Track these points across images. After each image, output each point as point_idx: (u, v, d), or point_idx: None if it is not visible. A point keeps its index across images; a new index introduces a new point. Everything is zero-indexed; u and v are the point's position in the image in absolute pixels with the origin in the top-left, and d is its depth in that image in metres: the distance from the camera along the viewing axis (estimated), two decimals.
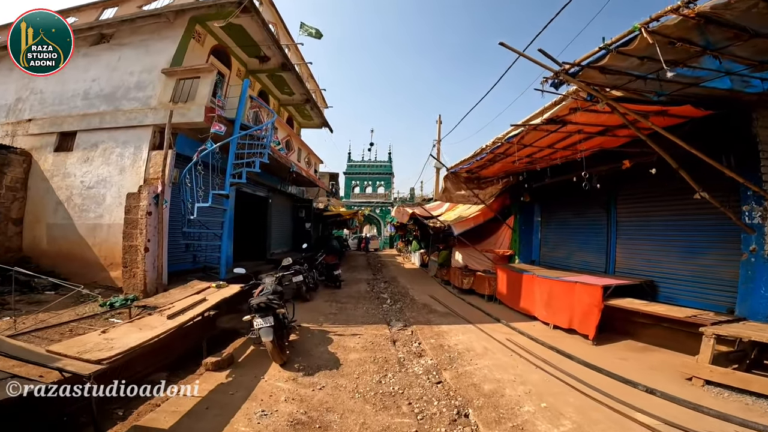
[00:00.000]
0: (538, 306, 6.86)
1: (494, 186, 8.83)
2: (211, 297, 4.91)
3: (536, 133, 5.34)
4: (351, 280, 12.56)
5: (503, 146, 6.01)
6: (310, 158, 15.05)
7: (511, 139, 5.56)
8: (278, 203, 13.62)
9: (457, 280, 10.16)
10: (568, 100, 4.21)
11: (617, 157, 5.80)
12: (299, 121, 17.49)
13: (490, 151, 6.24)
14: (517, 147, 5.84)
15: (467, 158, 7.34)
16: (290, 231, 15.11)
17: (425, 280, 13.00)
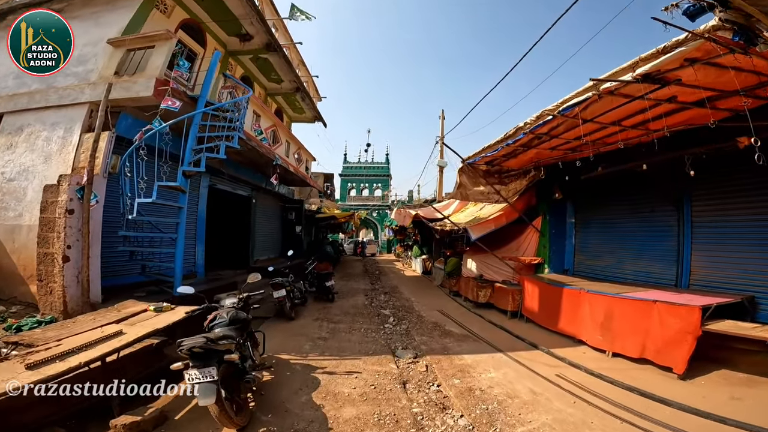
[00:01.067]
0: (587, 327, 5.34)
1: (518, 181, 7.31)
2: (132, 329, 3.30)
3: (605, 102, 3.89)
4: (346, 290, 10.95)
5: (551, 123, 4.51)
6: (301, 154, 13.47)
7: (568, 111, 4.07)
8: (264, 204, 12.02)
9: (471, 293, 8.59)
10: (692, 44, 2.71)
11: (698, 140, 4.32)
12: (290, 115, 15.94)
13: (531, 129, 4.73)
14: (570, 123, 4.34)
15: (492, 144, 5.83)
16: (278, 235, 13.49)
17: (430, 290, 11.41)
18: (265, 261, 11.86)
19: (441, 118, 17.55)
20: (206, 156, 5.77)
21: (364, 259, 24.62)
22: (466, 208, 11.30)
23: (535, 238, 7.85)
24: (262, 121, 9.74)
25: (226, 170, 8.88)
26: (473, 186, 7.17)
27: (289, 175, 12.28)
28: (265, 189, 11.67)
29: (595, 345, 5.23)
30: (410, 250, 21.28)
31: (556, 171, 6.77)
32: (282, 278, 7.39)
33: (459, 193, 7.23)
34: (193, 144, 5.80)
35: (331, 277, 9.12)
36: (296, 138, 13.24)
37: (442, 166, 16.53)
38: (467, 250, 10.06)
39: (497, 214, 7.80)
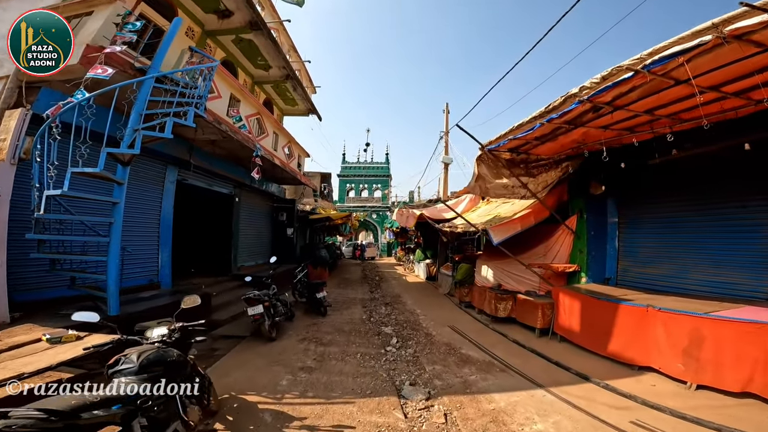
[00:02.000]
0: (660, 353, 4.13)
1: (549, 172, 6.03)
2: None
3: (721, 54, 2.69)
4: (342, 300, 9.61)
5: (622, 86, 3.26)
6: (293, 149, 12.20)
7: (661, 65, 2.82)
8: (250, 203, 10.70)
9: (488, 305, 7.26)
10: None
11: None
12: (281, 108, 14.67)
13: (590, 96, 3.48)
14: (652, 86, 3.10)
15: (524, 122, 4.54)
16: (268, 238, 12.17)
17: (437, 300, 10.07)
18: (252, 267, 10.54)
19: (445, 112, 16.30)
20: (148, 135, 4.45)
21: (363, 263, 23.27)
22: (477, 207, 9.99)
23: (568, 240, 6.52)
24: (243, 107, 8.48)
25: (199, 162, 7.58)
26: (494, 178, 5.86)
27: (279, 172, 11.00)
28: (250, 187, 10.37)
29: (672, 374, 3.98)
30: (412, 254, 19.95)
31: (595, 160, 5.46)
32: (259, 291, 6.07)
33: (477, 186, 5.92)
34: (136, 123, 4.48)
35: (323, 288, 7.79)
36: (286, 131, 11.97)
37: (446, 163, 15.25)
38: (481, 255, 8.74)
39: (523, 213, 6.46)
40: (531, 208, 6.52)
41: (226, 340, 6.11)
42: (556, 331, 5.80)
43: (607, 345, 4.76)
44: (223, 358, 5.20)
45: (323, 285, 7.85)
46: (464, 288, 8.65)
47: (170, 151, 6.80)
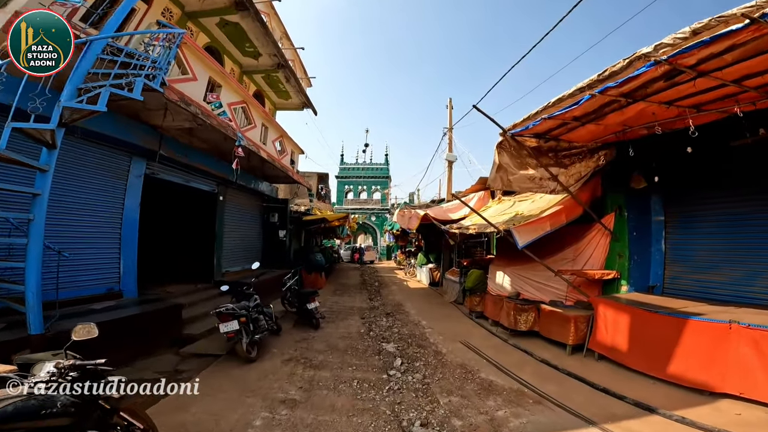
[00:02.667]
0: (742, 375, 3.26)
1: (583, 162, 5.09)
2: None
3: None
4: (338, 310, 8.61)
5: (711, 45, 2.36)
6: (284, 144, 11.25)
7: None
8: (236, 203, 9.73)
9: (505, 316, 6.29)
10: None
11: None
12: (273, 101, 13.74)
13: (670, 57, 2.59)
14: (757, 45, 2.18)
15: (563, 97, 3.64)
16: (257, 241, 11.18)
17: (444, 309, 9.08)
18: (238, 273, 9.54)
19: (449, 108, 15.41)
20: (72, 107, 3.49)
21: (361, 267, 22.27)
22: (487, 207, 9.04)
23: (603, 243, 5.55)
24: (226, 94, 7.55)
25: (172, 154, 6.63)
26: (518, 168, 4.91)
27: (269, 169, 10.05)
28: (237, 184, 9.39)
29: (763, 399, 3.03)
30: (413, 258, 18.97)
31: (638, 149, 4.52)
32: (237, 303, 5.09)
33: (498, 178, 4.95)
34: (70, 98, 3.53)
35: (315, 298, 6.80)
36: (278, 124, 11.05)
37: (450, 161, 14.32)
38: (494, 260, 7.77)
39: (553, 210, 5.46)
40: (562, 204, 5.55)
41: (196, 360, 5.13)
42: (592, 348, 4.85)
43: (666, 367, 3.81)
44: (184, 384, 4.21)
45: (315, 294, 6.86)
46: (475, 296, 7.66)
47: (135, 140, 5.84)
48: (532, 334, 5.98)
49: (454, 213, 9.70)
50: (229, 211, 9.25)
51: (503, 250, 7.53)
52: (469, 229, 6.80)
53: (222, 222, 8.85)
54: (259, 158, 8.84)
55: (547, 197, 6.10)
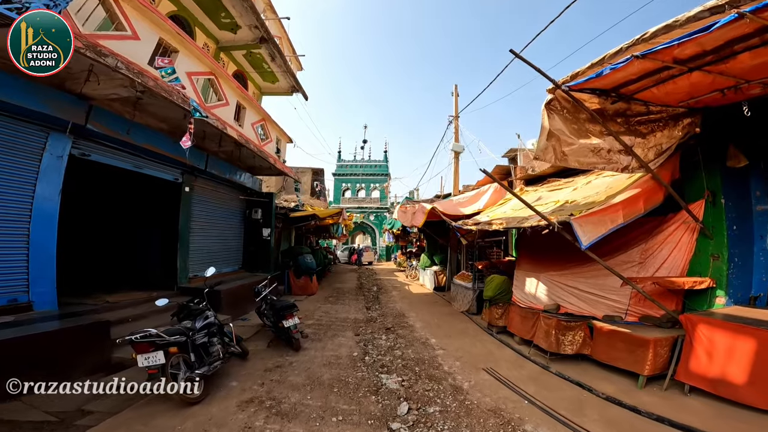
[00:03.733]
0: None
1: (664, 131, 3.62)
2: None
3: None
4: (327, 323, 7.13)
5: None
6: (267, 129, 9.79)
7: None
8: (208, 195, 8.25)
9: (543, 336, 4.84)
10: None
11: None
12: (259, 85, 12.27)
13: None
14: None
15: (655, 32, 2.21)
16: (237, 240, 9.70)
17: (455, 321, 7.60)
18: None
19: (454, 95, 13.96)
20: None
21: (359, 269, 20.81)
22: (508, 200, 7.57)
23: (687, 240, 4.06)
24: (185, 61, 6.12)
25: (107, 130, 5.17)
26: (578, 136, 3.46)
27: (248, 157, 8.59)
28: (209, 174, 7.93)
29: None
30: (415, 259, 17.52)
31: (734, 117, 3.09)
32: (173, 326, 3.63)
33: (550, 149, 3.47)
34: None
35: (294, 314, 5.31)
36: (260, 106, 9.59)
37: (457, 151, 12.85)
38: (520, 264, 6.29)
39: (628, 196, 3.87)
40: (638, 187, 4.01)
41: (116, 397, 3.65)
42: (681, 379, 3.42)
43: None
44: None
45: (292, 309, 5.35)
46: (497, 308, 6.20)
47: (52, 110, 4.40)
48: (578, 358, 4.55)
49: (466, 207, 8.24)
50: (198, 204, 7.77)
51: (530, 250, 6.07)
52: (493, 225, 5.33)
53: (188, 217, 7.37)
54: (234, 142, 7.39)
55: (599, 182, 4.67)
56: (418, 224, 8.23)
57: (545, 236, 4.29)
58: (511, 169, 8.34)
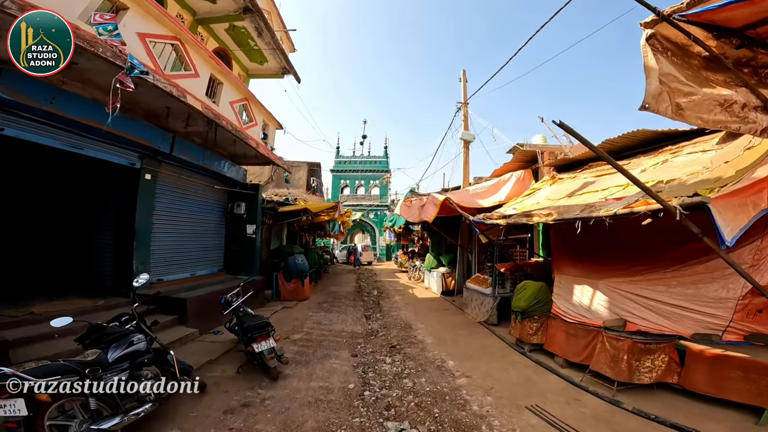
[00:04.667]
0: None
1: None
2: None
3: None
4: (318, 339, 5.85)
5: None
6: (251, 110, 8.53)
7: None
8: (177, 185, 6.98)
9: (607, 360, 3.61)
10: None
11: None
12: (245, 66, 11.00)
13: None
14: None
15: None
16: (215, 238, 8.42)
17: (473, 334, 6.34)
18: (183, 281, 6.80)
19: (462, 81, 12.68)
20: None
21: (358, 270, 19.53)
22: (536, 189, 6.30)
23: None
24: (137, 19, 4.84)
25: (23, 98, 3.90)
26: (700, 84, 2.23)
27: (226, 141, 7.33)
28: (178, 160, 6.65)
29: None
30: (418, 259, 16.25)
31: None
32: (48, 369, 2.33)
33: (665, 95, 2.20)
34: None
35: (267, 334, 4.01)
36: (240, 82, 8.33)
37: (467, 140, 11.57)
38: (560, 266, 5.02)
39: None
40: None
41: None
42: None
43: None
44: None
45: (266, 329, 4.03)
46: (530, 321, 4.92)
47: None
48: (653, 387, 3.30)
49: (485, 199, 6.99)
50: (164, 195, 6.49)
51: (576, 250, 4.81)
52: (534, 217, 4.06)
53: (149, 210, 6.08)
54: (205, 119, 6.12)
55: (684, 161, 3.42)
56: (428, 218, 6.96)
57: (600, 232, 3.06)
58: (538, 154, 7.08)
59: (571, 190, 4.96)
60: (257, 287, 8.19)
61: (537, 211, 4.24)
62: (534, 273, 6.26)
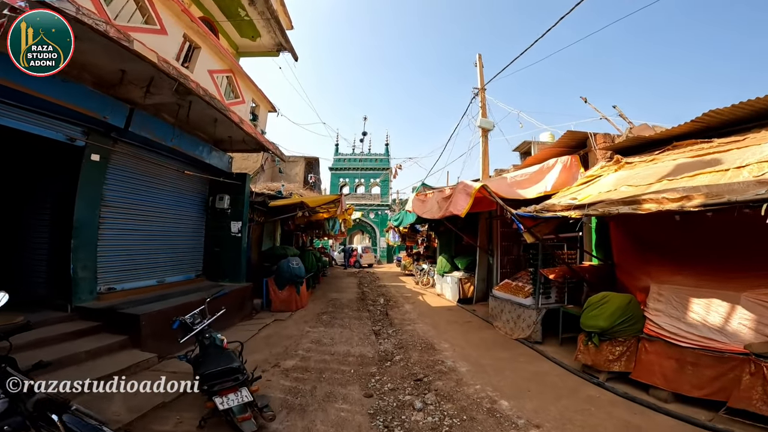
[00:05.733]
0: None
1: None
2: None
3: None
4: (316, 368, 4.46)
5: None
6: (237, 84, 7.20)
7: None
8: (138, 170, 5.59)
9: (756, 397, 2.28)
10: None
11: None
12: (234, 42, 9.62)
13: None
14: None
15: None
16: (193, 237, 7.04)
17: (515, 355, 4.97)
18: (143, 290, 5.40)
19: (478, 66, 11.37)
20: None
21: (359, 273, 18.16)
22: (594, 178, 4.96)
23: None
24: None
25: None
26: None
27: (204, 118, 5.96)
28: (139, 138, 5.26)
29: None
30: (425, 262, 14.91)
31: None
32: None
33: None
34: None
35: (234, 387, 2.60)
36: (224, 49, 6.98)
37: (486, 128, 10.25)
38: (660, 273, 3.69)
39: None
40: None
41: None
42: None
43: None
44: None
45: (233, 376, 2.63)
46: (612, 344, 3.58)
47: None
48: None
49: (526, 189, 5.67)
50: (119, 182, 5.11)
51: (676, 251, 3.48)
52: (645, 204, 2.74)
53: (95, 200, 4.70)
54: (171, 86, 4.74)
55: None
56: (458, 211, 5.56)
57: (718, 230, 1.80)
58: (590, 137, 5.77)
59: (662, 174, 3.64)
60: (242, 296, 6.81)
61: (645, 196, 2.90)
62: (592, 280, 4.94)
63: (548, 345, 5.24)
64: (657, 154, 4.51)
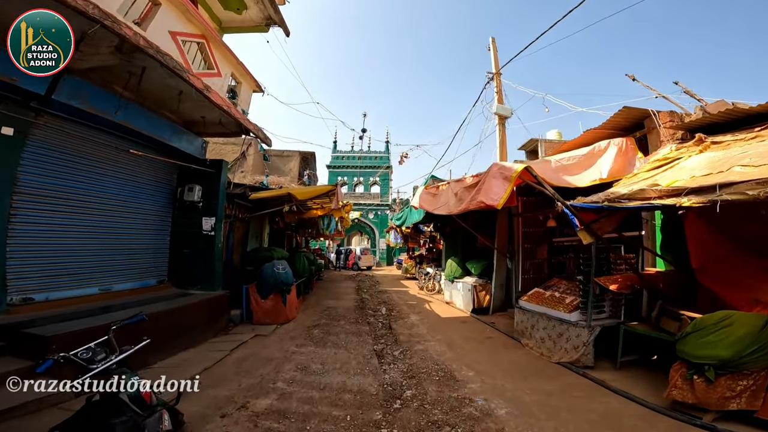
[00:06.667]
0: None
1: None
2: None
3: None
4: (299, 412, 3.22)
5: None
6: (212, 54, 6.02)
7: None
8: (67, 147, 4.35)
9: None
10: None
11: None
12: (216, 16, 8.39)
13: None
14: None
15: None
16: (155, 236, 5.81)
17: (564, 386, 3.76)
18: (78, 301, 4.16)
19: (492, 50, 10.27)
20: None
21: (357, 276, 16.94)
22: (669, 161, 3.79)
23: None
24: None
25: None
26: None
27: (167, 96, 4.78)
28: (70, 108, 4.04)
29: None
30: (429, 265, 13.72)
31: None
32: None
33: None
34: None
35: None
36: (194, 8, 5.80)
37: (503, 116, 9.07)
38: None
39: None
40: None
41: None
42: None
43: None
44: None
45: None
46: (734, 378, 2.40)
47: None
48: None
49: (575, 175, 4.50)
50: (42, 164, 3.90)
51: None
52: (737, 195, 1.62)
53: (7, 187, 3.49)
54: (119, 41, 3.53)
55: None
56: (494, 202, 4.27)
57: None
58: (652, 114, 4.59)
59: (729, 159, 2.48)
60: (215, 307, 5.59)
61: None
62: (667, 291, 3.75)
63: (602, 371, 4.05)
64: (759, 130, 3.35)
